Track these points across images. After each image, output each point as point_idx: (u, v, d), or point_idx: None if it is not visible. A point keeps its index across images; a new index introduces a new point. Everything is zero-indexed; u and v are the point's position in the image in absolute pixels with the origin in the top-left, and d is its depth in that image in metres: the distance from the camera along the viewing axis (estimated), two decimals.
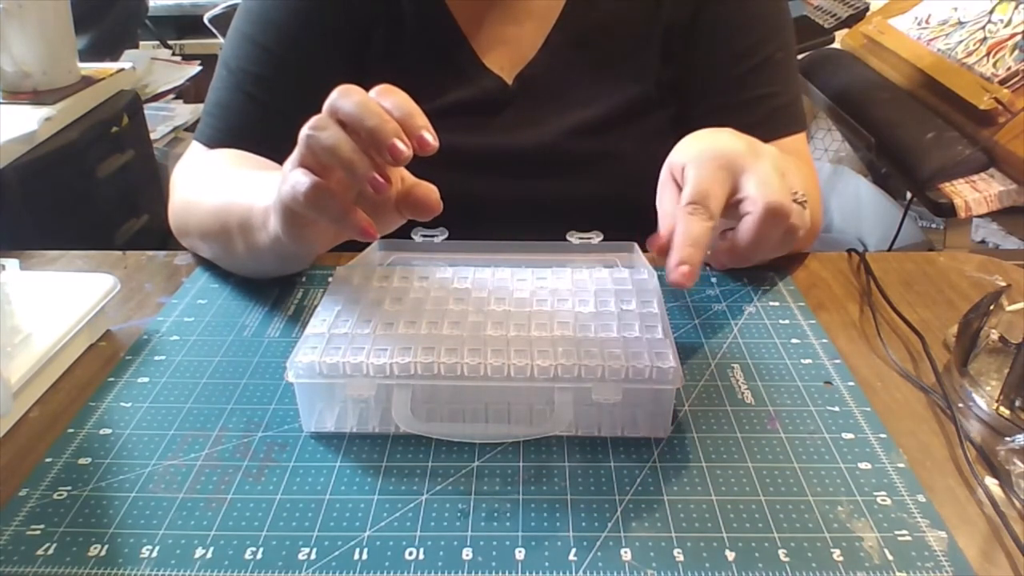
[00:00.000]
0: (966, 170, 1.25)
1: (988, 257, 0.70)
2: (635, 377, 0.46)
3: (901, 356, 0.56)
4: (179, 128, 1.90)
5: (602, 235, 0.67)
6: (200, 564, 0.40)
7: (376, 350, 0.47)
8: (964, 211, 1.22)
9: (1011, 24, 1.34)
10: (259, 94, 0.69)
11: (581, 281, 0.56)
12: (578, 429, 0.49)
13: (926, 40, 1.44)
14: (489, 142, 0.71)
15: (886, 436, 0.48)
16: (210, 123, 0.70)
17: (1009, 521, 0.42)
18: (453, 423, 0.49)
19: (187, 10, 2.42)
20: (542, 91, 0.72)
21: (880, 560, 0.40)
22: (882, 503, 0.43)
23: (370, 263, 0.61)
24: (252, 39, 0.70)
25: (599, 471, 0.46)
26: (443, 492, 0.44)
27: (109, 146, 1.47)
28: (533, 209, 0.72)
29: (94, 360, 0.56)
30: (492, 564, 0.40)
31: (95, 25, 1.81)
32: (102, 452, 0.48)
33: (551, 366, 0.46)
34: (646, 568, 0.39)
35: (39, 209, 1.27)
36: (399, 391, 0.46)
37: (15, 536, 0.42)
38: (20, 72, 1.35)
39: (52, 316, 0.55)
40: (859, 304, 0.63)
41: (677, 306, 0.62)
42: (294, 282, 0.66)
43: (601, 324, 0.50)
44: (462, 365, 0.46)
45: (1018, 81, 1.24)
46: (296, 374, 0.47)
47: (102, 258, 0.71)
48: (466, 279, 0.56)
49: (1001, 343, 0.54)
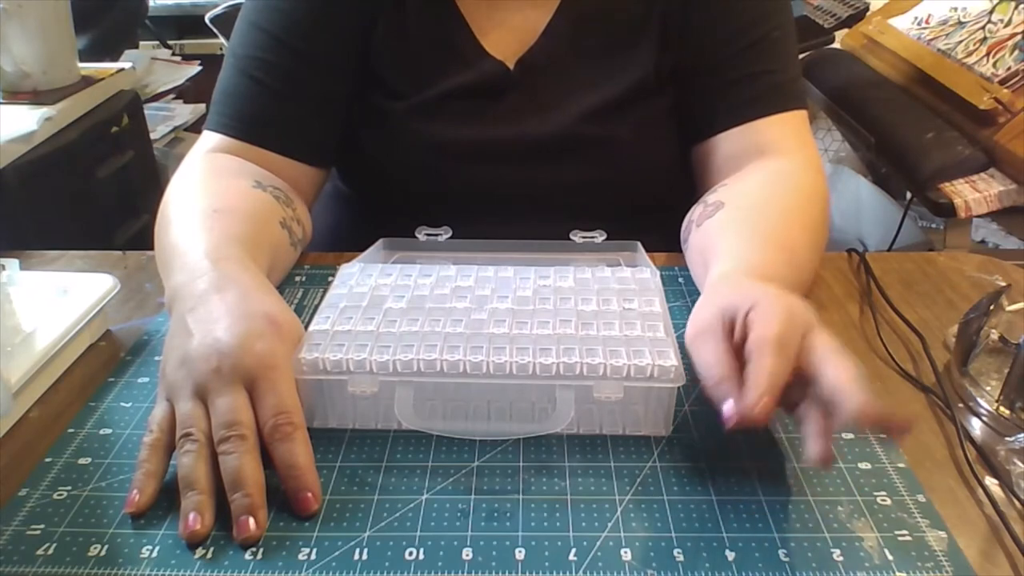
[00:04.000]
0: (966, 170, 1.25)
1: (988, 257, 0.70)
2: (637, 375, 0.46)
3: (901, 356, 0.56)
4: (179, 128, 1.90)
5: (605, 235, 0.67)
6: (200, 564, 0.40)
7: (379, 347, 0.47)
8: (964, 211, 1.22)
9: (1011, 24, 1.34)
10: (266, 79, 0.69)
11: (584, 280, 0.56)
12: (579, 427, 0.49)
13: (926, 40, 1.44)
14: (490, 131, 0.71)
15: (886, 436, 0.48)
16: (217, 110, 0.70)
17: (1009, 521, 0.42)
18: (455, 420, 0.49)
19: (187, 10, 2.42)
20: (543, 77, 0.72)
21: (880, 560, 0.40)
22: (882, 503, 0.43)
23: (373, 261, 0.61)
24: (259, 27, 0.70)
25: (599, 471, 0.46)
26: (443, 492, 0.44)
27: (109, 146, 1.47)
28: (533, 196, 0.72)
29: (94, 360, 0.56)
30: (492, 564, 0.40)
31: (95, 25, 1.80)
32: (102, 452, 0.48)
33: (553, 364, 0.46)
34: (646, 568, 0.39)
35: (39, 209, 1.27)
36: (402, 388, 0.47)
37: (15, 536, 0.42)
38: (20, 72, 1.35)
39: (52, 316, 0.55)
40: (859, 304, 0.63)
41: (678, 306, 0.62)
42: (294, 282, 0.66)
43: (603, 322, 0.50)
44: (464, 362, 0.46)
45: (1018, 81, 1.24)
46: (300, 371, 0.47)
47: (102, 258, 0.71)
48: (469, 277, 0.56)
49: (1001, 343, 0.54)
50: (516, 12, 0.72)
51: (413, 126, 0.71)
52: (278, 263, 0.62)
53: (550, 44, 0.72)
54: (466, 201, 0.71)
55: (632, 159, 0.72)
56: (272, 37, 0.69)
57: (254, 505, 0.42)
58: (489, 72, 0.71)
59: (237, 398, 0.44)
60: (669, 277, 0.65)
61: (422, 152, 0.72)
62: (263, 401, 0.45)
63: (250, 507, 0.42)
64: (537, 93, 0.71)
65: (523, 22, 0.72)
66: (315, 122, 0.72)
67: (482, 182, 0.71)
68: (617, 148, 0.71)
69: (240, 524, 0.41)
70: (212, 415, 0.44)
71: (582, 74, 0.72)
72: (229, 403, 0.44)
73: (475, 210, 0.69)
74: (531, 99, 0.71)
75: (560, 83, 0.72)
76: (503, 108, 0.71)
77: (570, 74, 0.72)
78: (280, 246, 0.63)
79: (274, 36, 0.69)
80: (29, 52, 1.34)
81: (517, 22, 0.72)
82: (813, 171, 0.67)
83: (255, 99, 0.69)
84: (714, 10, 0.71)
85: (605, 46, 0.72)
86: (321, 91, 0.72)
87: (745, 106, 0.70)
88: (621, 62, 0.71)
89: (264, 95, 0.69)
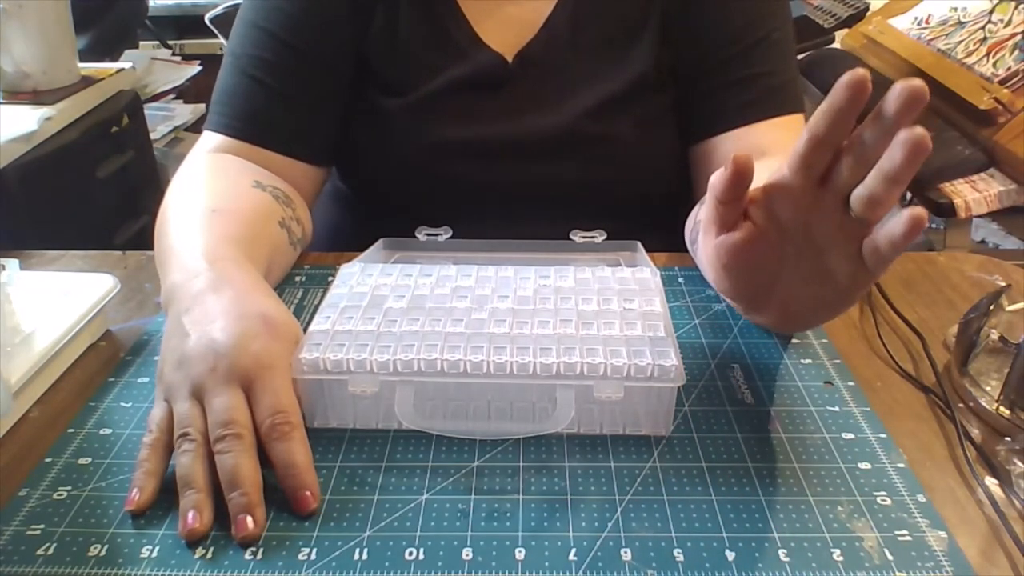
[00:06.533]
0: (966, 170, 1.25)
1: (988, 257, 0.70)
2: (637, 375, 0.46)
3: (901, 356, 0.56)
4: (179, 128, 1.90)
5: (605, 234, 0.67)
6: (200, 564, 0.40)
7: (379, 347, 0.47)
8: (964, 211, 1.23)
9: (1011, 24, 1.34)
10: (265, 78, 0.69)
11: (584, 280, 0.56)
12: (580, 427, 0.49)
13: (926, 40, 1.44)
14: (489, 128, 0.71)
15: (886, 436, 0.48)
16: (217, 110, 0.70)
17: (1009, 521, 0.42)
18: (455, 420, 0.49)
19: (187, 10, 2.42)
20: (542, 71, 0.71)
21: (880, 560, 0.40)
22: (882, 503, 0.43)
23: (373, 261, 0.61)
24: (257, 25, 0.70)
25: (599, 471, 0.46)
26: (443, 492, 0.44)
27: (109, 146, 1.47)
28: (532, 195, 0.72)
29: (94, 360, 0.56)
30: (492, 564, 0.40)
31: (95, 25, 1.81)
32: (102, 452, 0.48)
33: (553, 363, 0.46)
34: (646, 568, 0.39)
35: (39, 209, 1.27)
36: (402, 388, 0.47)
37: (15, 536, 0.42)
38: (20, 72, 1.35)
39: (52, 316, 0.55)
40: (859, 304, 0.63)
41: (678, 306, 0.62)
42: (294, 282, 0.66)
43: (604, 322, 0.50)
44: (465, 362, 0.46)
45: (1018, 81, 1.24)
46: (300, 370, 0.47)
47: (102, 258, 0.71)
48: (469, 276, 0.56)
49: (1001, 343, 0.54)
50: (515, 6, 0.72)
51: (411, 124, 0.71)
52: (277, 263, 0.62)
53: (549, 38, 0.71)
54: (466, 200, 0.71)
55: (632, 157, 0.72)
56: (270, 35, 0.69)
57: (251, 504, 0.42)
58: (487, 64, 0.71)
59: (233, 398, 0.44)
60: (669, 277, 0.65)
61: (421, 150, 0.72)
62: (260, 401, 0.45)
63: (247, 506, 0.42)
64: (536, 88, 0.71)
65: (522, 14, 0.72)
66: (315, 120, 0.72)
67: (482, 180, 0.71)
68: (617, 146, 0.71)
69: (238, 523, 0.41)
70: (208, 415, 0.44)
71: (582, 69, 0.71)
72: (225, 403, 0.44)
73: (475, 210, 0.69)
74: (530, 94, 0.71)
75: (559, 78, 0.71)
76: (502, 104, 0.71)
77: (570, 69, 0.72)
78: (279, 246, 0.63)
79: (272, 34, 0.69)
80: (29, 52, 1.34)
81: (515, 14, 0.72)
82: None
83: (254, 98, 0.69)
84: (715, 9, 0.71)
85: (605, 41, 0.72)
86: (321, 88, 0.72)
87: (746, 108, 0.70)
88: (621, 58, 0.71)
89: (263, 94, 0.69)
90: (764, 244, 0.44)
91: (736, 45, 0.70)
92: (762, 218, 0.44)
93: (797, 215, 0.42)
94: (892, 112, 0.37)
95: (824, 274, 0.43)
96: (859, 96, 0.38)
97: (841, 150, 0.40)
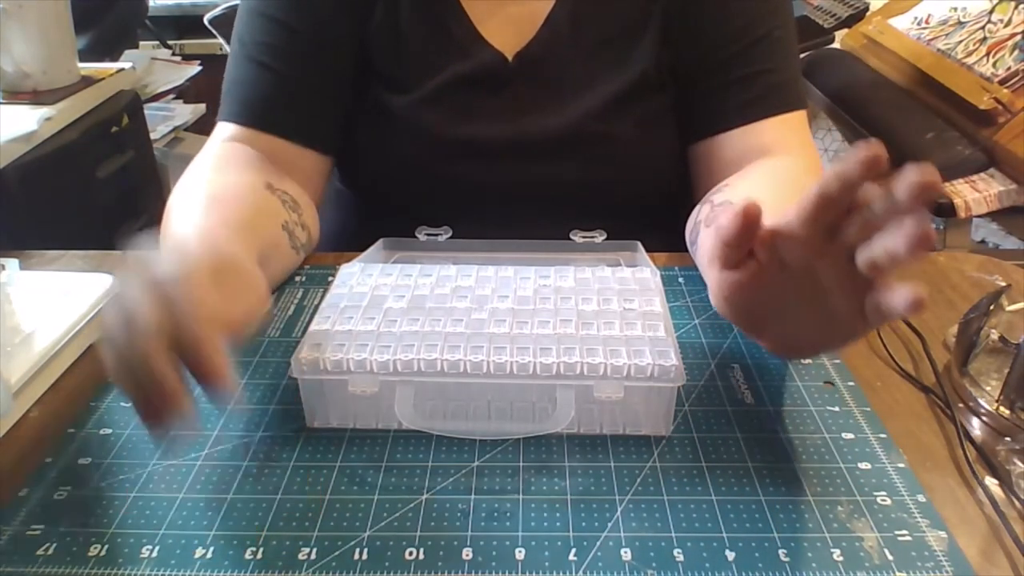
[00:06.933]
0: (966, 170, 1.25)
1: (988, 257, 0.70)
2: (637, 375, 0.46)
3: (901, 356, 0.56)
4: (179, 128, 1.90)
5: (605, 234, 0.67)
6: (200, 564, 0.40)
7: (379, 347, 0.48)
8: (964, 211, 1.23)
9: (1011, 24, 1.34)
10: (273, 63, 0.70)
11: (584, 280, 0.56)
12: (580, 427, 0.49)
13: (926, 40, 1.44)
14: (489, 127, 0.71)
15: (886, 436, 0.48)
16: (227, 99, 0.71)
17: (1009, 521, 0.42)
18: (455, 420, 0.49)
19: (187, 10, 2.42)
20: (543, 70, 0.71)
21: (880, 560, 0.40)
22: (882, 503, 0.43)
23: (373, 261, 0.61)
24: (261, 12, 0.70)
25: (599, 471, 0.46)
26: (443, 492, 0.44)
27: (109, 146, 1.47)
28: (533, 195, 0.72)
29: (94, 360, 0.56)
30: (492, 564, 0.40)
31: (95, 25, 1.80)
32: (102, 452, 0.47)
33: (553, 363, 0.46)
34: (646, 568, 0.39)
35: (39, 209, 1.27)
36: (402, 388, 0.47)
37: (15, 536, 0.42)
38: (20, 72, 1.35)
39: (52, 316, 0.55)
40: None
41: (678, 306, 0.62)
42: (294, 282, 0.66)
43: (604, 322, 0.50)
44: (465, 362, 0.46)
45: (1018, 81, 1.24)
46: (300, 370, 0.47)
47: (102, 258, 0.71)
48: (469, 276, 0.56)
49: (1001, 343, 0.54)
50: (515, 4, 0.72)
51: (412, 121, 0.71)
52: (275, 261, 0.62)
53: (550, 37, 0.71)
54: (466, 200, 0.71)
55: (633, 157, 0.72)
56: (275, 21, 0.70)
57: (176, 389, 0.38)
58: (488, 62, 0.71)
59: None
60: (669, 277, 0.65)
61: (421, 148, 0.72)
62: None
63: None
64: (536, 88, 0.71)
65: (522, 12, 0.72)
66: (323, 106, 0.72)
67: (482, 180, 0.71)
68: (618, 146, 0.71)
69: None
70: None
71: (582, 69, 0.71)
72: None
73: (475, 210, 0.69)
74: (530, 94, 0.71)
75: (560, 78, 0.71)
76: (502, 103, 0.71)
77: (570, 68, 0.72)
78: (279, 246, 0.63)
79: (277, 20, 0.70)
80: (29, 52, 1.34)
81: (516, 12, 0.72)
82: (815, 172, 0.67)
83: (262, 84, 0.70)
84: (716, 8, 0.70)
85: (606, 40, 0.72)
86: (327, 72, 0.72)
87: (748, 106, 0.70)
88: (622, 57, 0.71)
89: (271, 79, 0.70)
90: (768, 283, 0.44)
91: (737, 43, 0.70)
92: (768, 258, 0.43)
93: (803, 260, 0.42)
94: (903, 197, 0.37)
95: (827, 315, 0.43)
96: (873, 171, 0.38)
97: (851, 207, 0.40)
